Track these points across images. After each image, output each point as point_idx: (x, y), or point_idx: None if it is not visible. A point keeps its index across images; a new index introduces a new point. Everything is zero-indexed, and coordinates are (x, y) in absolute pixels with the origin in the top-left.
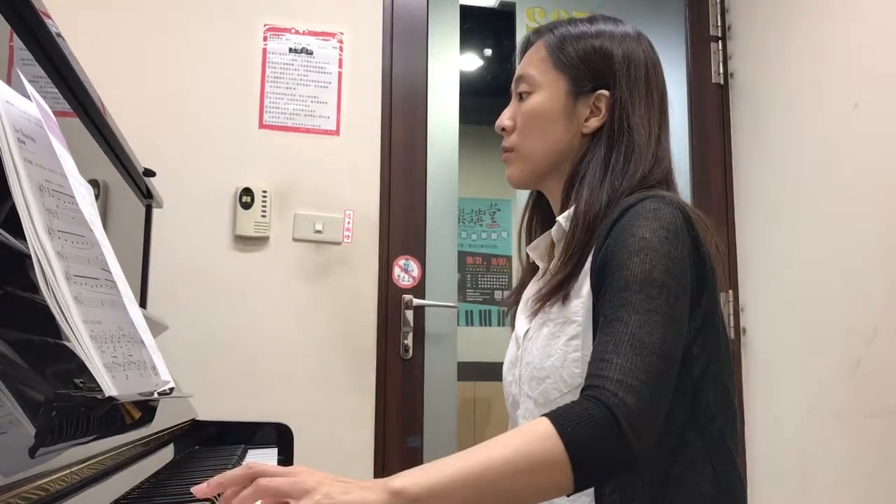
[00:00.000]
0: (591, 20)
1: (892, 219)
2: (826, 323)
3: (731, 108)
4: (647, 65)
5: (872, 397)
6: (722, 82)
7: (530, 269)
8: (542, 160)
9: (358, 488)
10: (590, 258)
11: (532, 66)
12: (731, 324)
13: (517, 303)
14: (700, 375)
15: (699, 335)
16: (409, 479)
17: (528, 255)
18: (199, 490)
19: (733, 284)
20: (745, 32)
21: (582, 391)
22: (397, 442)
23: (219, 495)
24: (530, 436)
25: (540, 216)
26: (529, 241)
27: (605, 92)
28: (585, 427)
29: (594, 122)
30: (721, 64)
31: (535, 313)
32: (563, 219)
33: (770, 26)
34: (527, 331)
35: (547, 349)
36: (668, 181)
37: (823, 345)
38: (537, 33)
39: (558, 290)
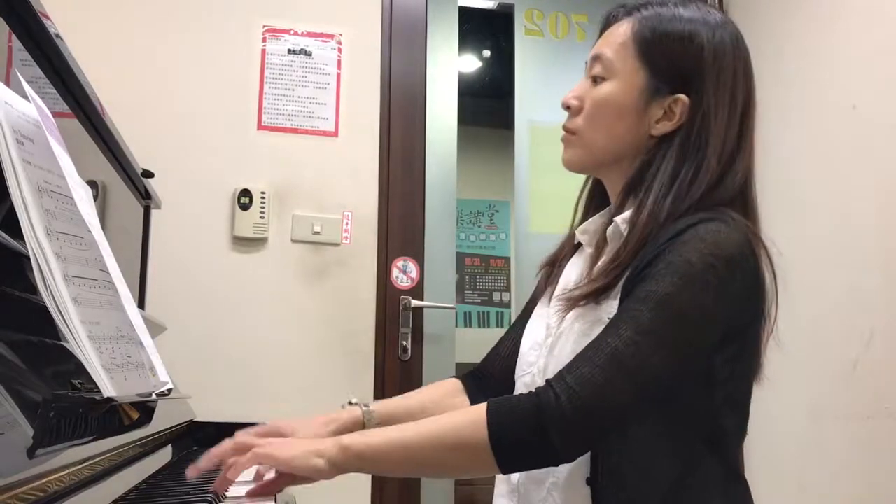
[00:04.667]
0: (688, 6)
1: (891, 220)
2: (824, 324)
3: None
4: (735, 65)
5: (870, 399)
6: None
7: (573, 244)
8: (602, 152)
9: (318, 442)
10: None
11: (612, 48)
12: None
13: (549, 276)
14: (723, 401)
15: (730, 363)
16: (355, 438)
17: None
18: (193, 469)
19: None
20: (743, 35)
21: (546, 380)
22: None
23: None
24: (464, 419)
25: (597, 196)
26: (584, 215)
27: (684, 98)
28: (511, 421)
29: (663, 126)
30: None
31: (567, 309)
32: (621, 220)
33: (768, 29)
34: (559, 322)
35: (575, 346)
36: (744, 198)
37: (821, 346)
38: (626, 11)
39: (595, 296)
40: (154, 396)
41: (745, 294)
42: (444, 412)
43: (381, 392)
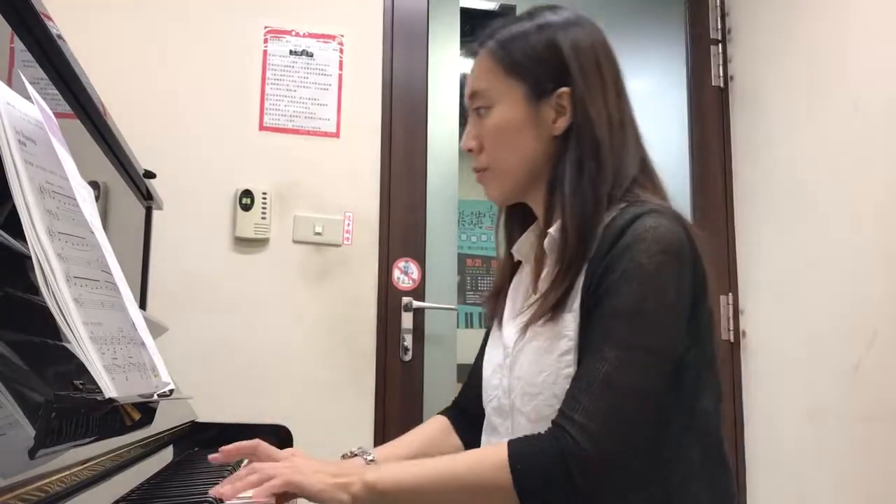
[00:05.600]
0: (531, 15)
1: (892, 221)
2: (825, 325)
3: (730, 111)
4: (595, 49)
5: (871, 400)
6: (722, 85)
7: (509, 271)
8: (518, 174)
9: (343, 474)
10: (583, 273)
11: (482, 79)
12: (731, 327)
13: (496, 305)
14: (694, 383)
15: (693, 347)
16: (380, 475)
17: (508, 256)
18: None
19: (733, 287)
20: (744, 35)
21: (552, 421)
22: None
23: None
24: (487, 462)
25: (516, 216)
26: (509, 241)
27: (566, 89)
28: (534, 467)
29: (562, 123)
30: (721, 67)
31: (525, 328)
32: (554, 230)
33: (770, 29)
34: (516, 341)
35: (538, 364)
36: (645, 165)
37: (822, 347)
38: (480, 43)
39: (553, 310)
40: (155, 397)
41: (692, 277)
42: (444, 453)
43: (382, 393)
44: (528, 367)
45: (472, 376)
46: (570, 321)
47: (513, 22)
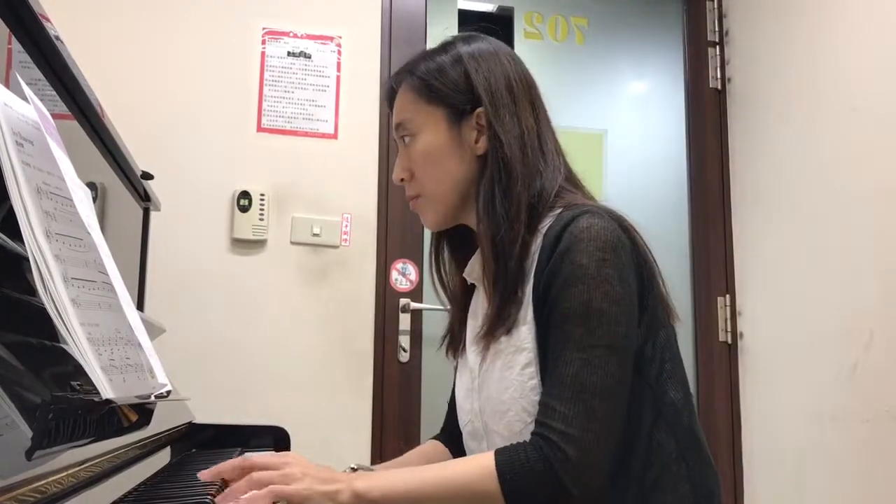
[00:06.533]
0: (445, 47)
1: (889, 222)
2: (823, 326)
3: (728, 113)
4: (505, 73)
5: (869, 401)
6: (719, 87)
7: (462, 299)
8: (449, 196)
9: (332, 482)
10: (531, 283)
11: (405, 110)
12: (728, 328)
13: (455, 339)
14: (658, 374)
15: (650, 336)
16: (370, 484)
17: (459, 286)
18: (201, 475)
19: (730, 288)
20: (742, 37)
21: (532, 433)
22: (394, 445)
23: (220, 489)
24: (477, 472)
25: (448, 249)
26: (442, 281)
27: (482, 109)
28: (524, 477)
29: (483, 143)
30: (718, 69)
31: (485, 349)
32: None
33: (767, 31)
34: (481, 363)
35: (503, 381)
36: (570, 179)
37: (820, 348)
38: (397, 80)
39: (498, 324)
40: (153, 398)
41: (635, 269)
42: None
43: (379, 394)
44: (494, 385)
45: (451, 406)
46: (527, 333)
47: (428, 56)
